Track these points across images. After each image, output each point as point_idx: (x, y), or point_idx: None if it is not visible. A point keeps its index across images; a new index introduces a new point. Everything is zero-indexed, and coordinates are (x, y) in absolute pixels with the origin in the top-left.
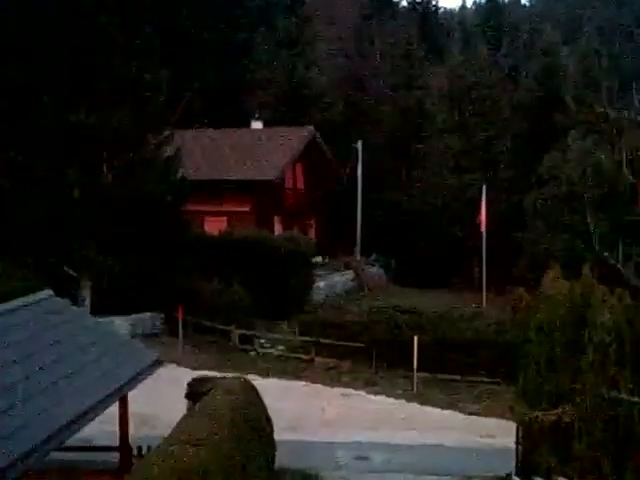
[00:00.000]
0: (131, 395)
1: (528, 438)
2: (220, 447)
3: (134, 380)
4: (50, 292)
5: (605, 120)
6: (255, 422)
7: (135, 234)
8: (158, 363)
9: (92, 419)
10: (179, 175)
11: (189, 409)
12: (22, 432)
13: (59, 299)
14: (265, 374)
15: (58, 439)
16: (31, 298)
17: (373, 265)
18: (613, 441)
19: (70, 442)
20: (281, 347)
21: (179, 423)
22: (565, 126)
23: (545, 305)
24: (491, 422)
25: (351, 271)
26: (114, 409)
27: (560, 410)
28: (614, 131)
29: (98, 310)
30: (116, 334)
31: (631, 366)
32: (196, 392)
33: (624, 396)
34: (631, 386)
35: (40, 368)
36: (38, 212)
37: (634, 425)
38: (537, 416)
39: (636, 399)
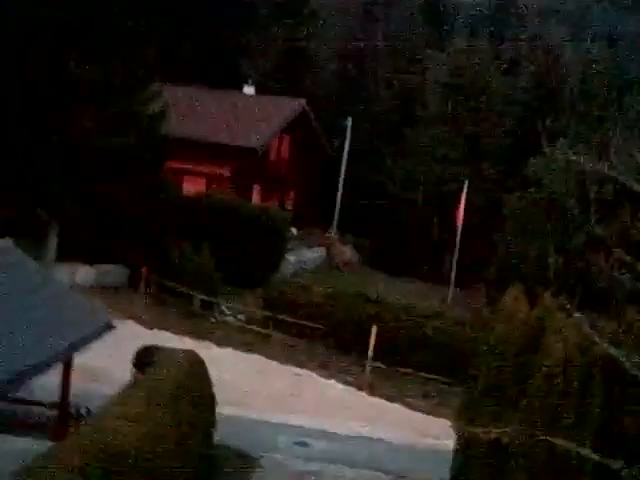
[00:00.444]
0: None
1: (466, 452)
2: (156, 423)
3: (80, 342)
4: (10, 242)
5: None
6: (197, 397)
7: (112, 186)
8: (109, 327)
9: (31, 377)
10: (162, 133)
11: (134, 378)
12: None
13: (18, 251)
14: (221, 343)
15: None
16: None
17: (347, 245)
18: (550, 469)
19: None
20: (241, 317)
21: (118, 395)
22: (556, 131)
23: (502, 325)
24: (436, 422)
25: (323, 248)
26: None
27: (500, 430)
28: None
29: (64, 256)
30: (71, 293)
31: (577, 396)
32: (143, 362)
33: (561, 441)
34: (572, 416)
35: None
36: (16, 153)
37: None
38: (476, 432)
39: (576, 447)
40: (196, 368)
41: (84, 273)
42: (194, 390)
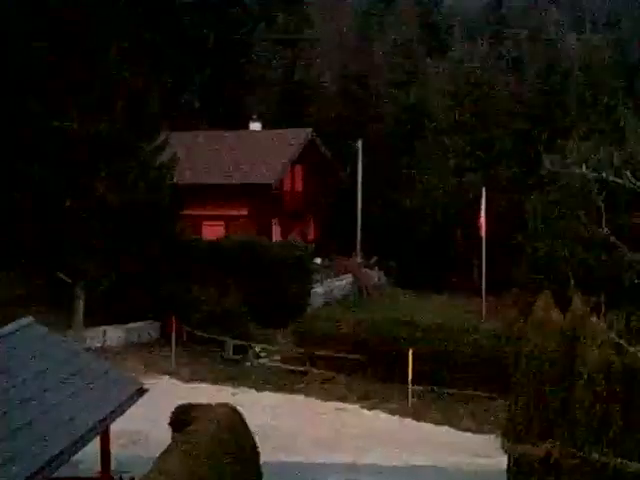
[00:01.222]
0: None
1: (519, 470)
2: None
3: (114, 413)
4: (31, 319)
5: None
6: (239, 452)
7: (129, 243)
8: (140, 392)
9: (70, 457)
10: (173, 181)
11: (173, 438)
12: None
13: (40, 326)
14: (260, 387)
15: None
16: (11, 327)
17: (373, 268)
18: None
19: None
20: (276, 358)
21: (159, 460)
22: (566, 125)
23: (535, 335)
24: (485, 440)
25: (350, 275)
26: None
27: (549, 446)
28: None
29: (92, 318)
30: (97, 362)
31: (622, 402)
32: (180, 421)
33: (605, 458)
34: (621, 423)
35: (17, 404)
36: (30, 221)
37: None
38: (526, 450)
39: (621, 461)
40: (234, 422)
41: (114, 334)
42: (235, 445)
